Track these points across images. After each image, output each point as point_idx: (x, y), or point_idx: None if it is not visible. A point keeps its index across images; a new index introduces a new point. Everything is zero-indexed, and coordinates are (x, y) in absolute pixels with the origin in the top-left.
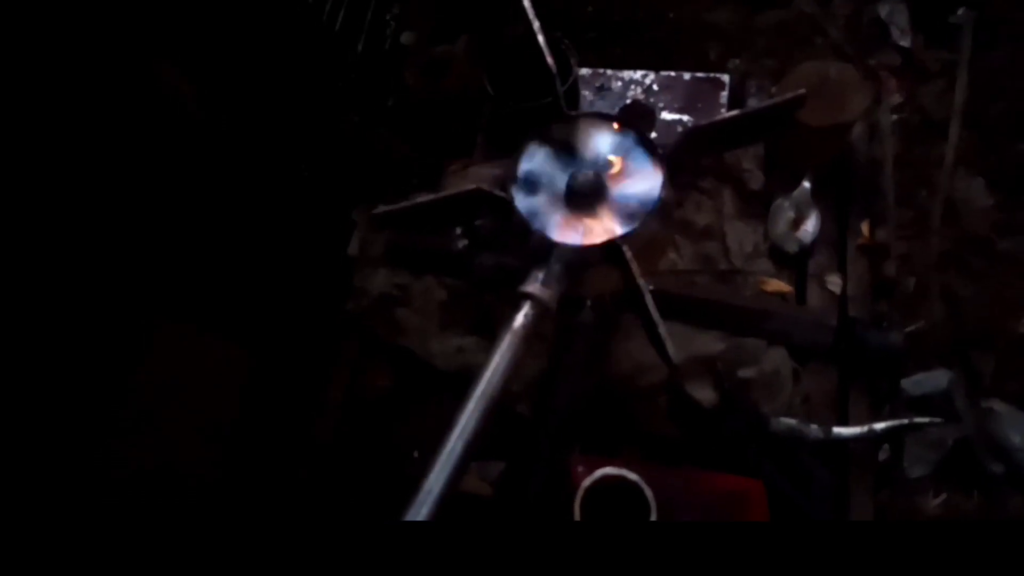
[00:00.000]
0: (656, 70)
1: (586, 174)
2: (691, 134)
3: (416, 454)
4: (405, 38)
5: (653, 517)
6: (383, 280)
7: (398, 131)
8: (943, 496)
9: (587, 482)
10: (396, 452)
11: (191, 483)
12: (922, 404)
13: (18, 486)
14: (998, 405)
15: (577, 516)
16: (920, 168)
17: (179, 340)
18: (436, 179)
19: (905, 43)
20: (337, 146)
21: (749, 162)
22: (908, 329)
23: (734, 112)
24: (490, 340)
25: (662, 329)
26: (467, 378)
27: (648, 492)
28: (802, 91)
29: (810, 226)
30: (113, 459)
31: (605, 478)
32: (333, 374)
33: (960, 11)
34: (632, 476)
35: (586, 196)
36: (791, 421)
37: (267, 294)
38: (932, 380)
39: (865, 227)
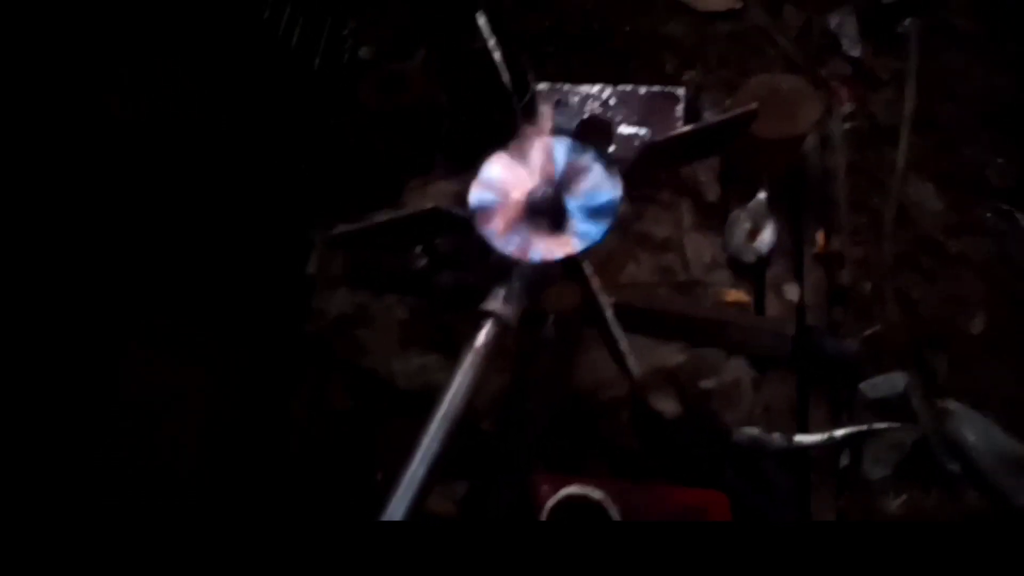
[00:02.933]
0: (613, 84)
1: (544, 190)
2: (647, 149)
3: (380, 476)
4: (363, 52)
5: None
6: (343, 300)
7: (356, 152)
8: (903, 496)
9: (551, 502)
10: (360, 473)
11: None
12: (880, 406)
13: None
14: (953, 405)
15: None
16: (872, 174)
17: (142, 364)
18: (395, 196)
19: (855, 52)
20: (299, 158)
21: (705, 175)
22: (865, 333)
23: (688, 127)
24: (452, 358)
25: (623, 344)
26: (430, 397)
27: (613, 511)
28: (753, 106)
29: (767, 236)
30: (73, 485)
31: (569, 497)
32: (295, 396)
33: (907, 21)
34: (596, 494)
35: (545, 212)
36: (753, 430)
37: (226, 317)
38: (889, 382)
39: (820, 236)
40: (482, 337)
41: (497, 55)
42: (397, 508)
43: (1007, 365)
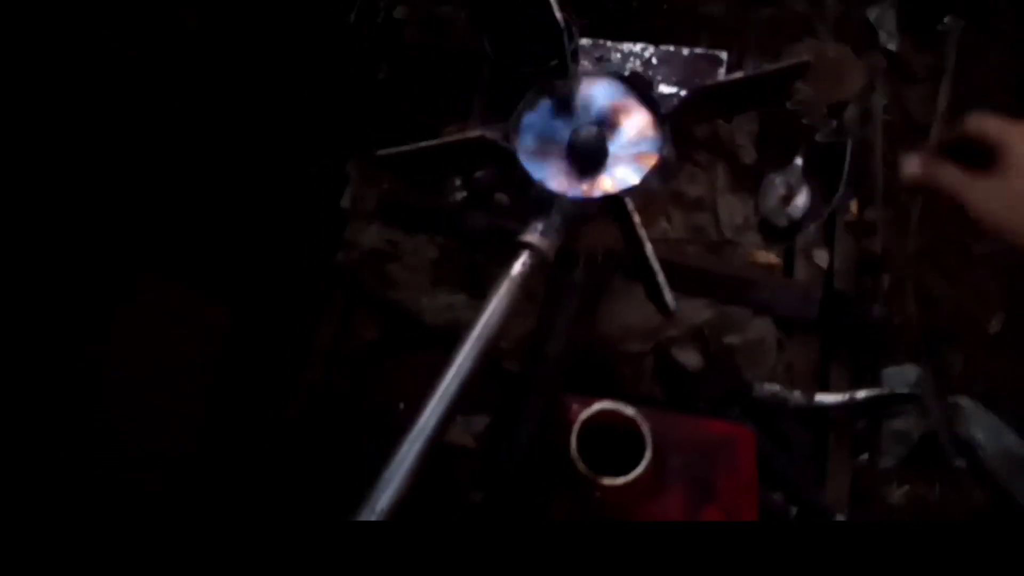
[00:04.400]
0: (655, 44)
1: (588, 130)
2: (696, 93)
3: (402, 406)
4: (399, 12)
5: (648, 453)
6: (375, 235)
7: (395, 93)
8: (907, 487)
9: (584, 415)
10: (382, 404)
11: (170, 439)
12: None
13: None
14: (965, 402)
15: (574, 450)
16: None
17: (159, 296)
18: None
19: (893, 46)
20: (336, 99)
21: (743, 138)
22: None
23: (738, 74)
24: (480, 298)
25: (661, 277)
26: (455, 334)
27: (645, 427)
28: (806, 59)
29: (800, 201)
30: (88, 417)
31: (601, 413)
32: (320, 325)
33: (947, 19)
34: (628, 411)
35: (588, 152)
36: (774, 386)
37: (254, 245)
38: (901, 374)
39: (854, 205)
40: (518, 267)
41: None
42: (427, 423)
43: (1022, 366)
